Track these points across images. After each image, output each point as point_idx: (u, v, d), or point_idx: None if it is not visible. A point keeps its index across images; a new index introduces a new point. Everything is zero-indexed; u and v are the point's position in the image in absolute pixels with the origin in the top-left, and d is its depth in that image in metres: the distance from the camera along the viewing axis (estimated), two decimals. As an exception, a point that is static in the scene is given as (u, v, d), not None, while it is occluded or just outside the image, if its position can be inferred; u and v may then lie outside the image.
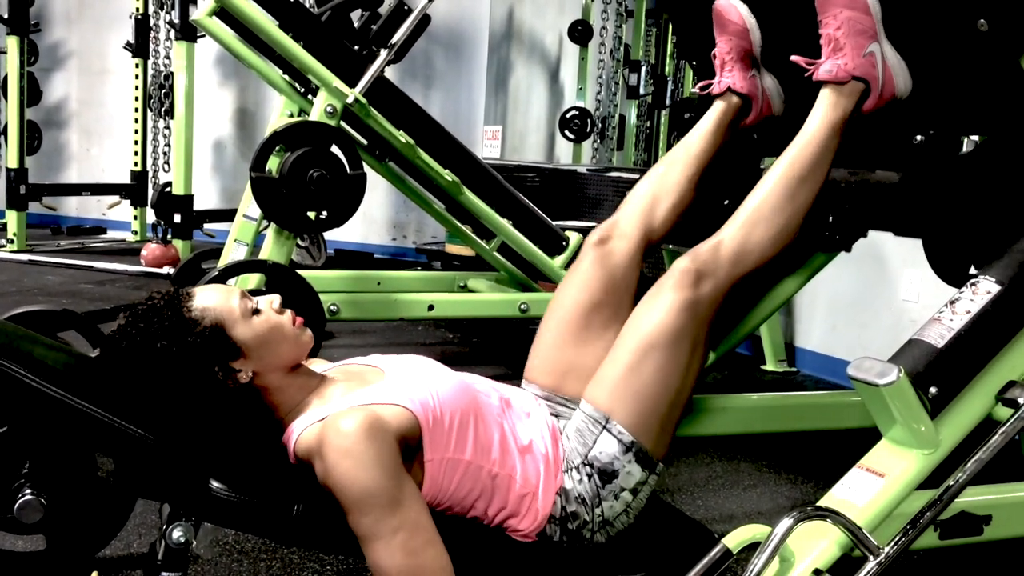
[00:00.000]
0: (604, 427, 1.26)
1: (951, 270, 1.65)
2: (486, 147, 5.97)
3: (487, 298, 3.27)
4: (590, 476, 1.25)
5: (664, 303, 1.28)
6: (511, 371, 1.50)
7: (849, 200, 1.65)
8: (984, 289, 1.31)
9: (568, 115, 6.14)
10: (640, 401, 1.26)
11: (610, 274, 1.45)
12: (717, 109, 1.59)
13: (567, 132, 6.12)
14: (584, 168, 4.88)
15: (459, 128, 5.19)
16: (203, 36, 3.56)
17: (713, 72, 1.62)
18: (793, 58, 1.43)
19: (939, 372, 1.26)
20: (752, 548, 1.17)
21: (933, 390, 1.25)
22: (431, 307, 3.03)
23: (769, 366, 3.46)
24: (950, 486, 1.24)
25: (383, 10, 3.01)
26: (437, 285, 3.57)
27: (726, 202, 2.00)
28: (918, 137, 1.44)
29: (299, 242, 4.52)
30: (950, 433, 1.27)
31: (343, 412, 1.09)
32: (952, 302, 1.33)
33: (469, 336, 3.87)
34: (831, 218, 1.73)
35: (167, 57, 5.65)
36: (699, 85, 1.64)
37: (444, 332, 3.89)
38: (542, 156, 6.47)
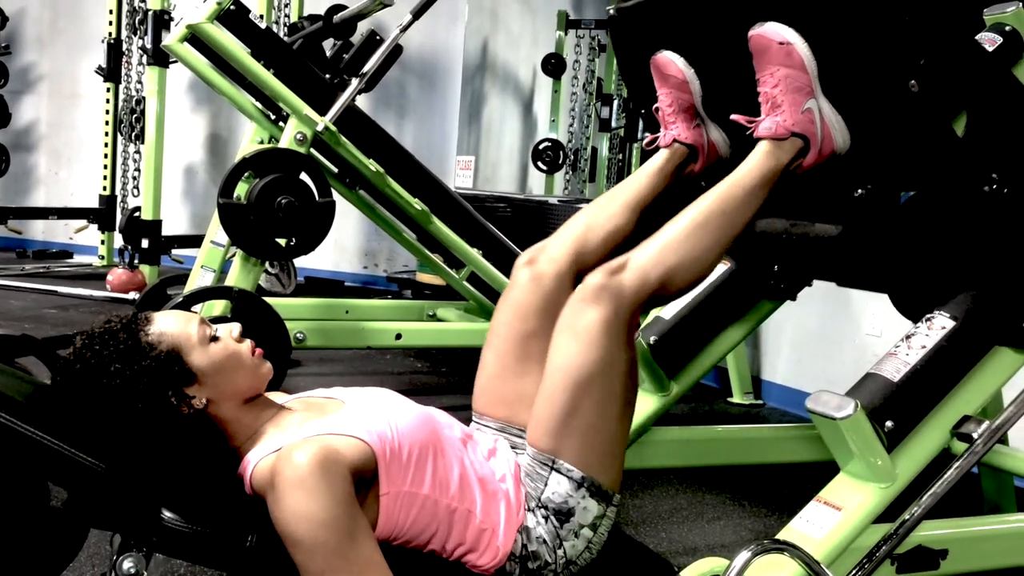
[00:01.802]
0: (552, 467, 1.24)
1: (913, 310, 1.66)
2: (459, 177, 5.99)
3: (456, 327, 3.27)
4: (547, 518, 1.23)
5: (583, 330, 1.24)
6: (478, 401, 1.50)
7: (791, 252, 1.66)
8: (939, 324, 1.33)
9: (541, 146, 6.18)
10: (582, 436, 1.24)
11: (542, 298, 1.42)
12: (663, 155, 1.58)
13: (539, 163, 6.16)
14: (555, 199, 4.92)
15: (432, 158, 5.22)
16: (175, 62, 3.56)
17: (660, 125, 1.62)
18: (733, 117, 1.43)
19: (895, 406, 1.28)
20: (711, 581, 1.18)
21: (889, 424, 1.27)
22: (399, 336, 3.02)
23: (736, 398, 3.48)
24: (906, 520, 1.25)
25: (355, 39, 3.04)
26: (406, 314, 3.56)
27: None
28: (858, 191, 1.45)
29: (268, 269, 4.49)
30: (906, 467, 1.28)
31: (297, 443, 1.08)
32: (908, 337, 1.35)
33: (438, 365, 3.85)
34: (776, 267, 1.75)
35: (139, 82, 5.63)
36: (647, 140, 1.63)
37: (413, 361, 3.88)
38: (514, 187, 6.50)
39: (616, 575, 1.37)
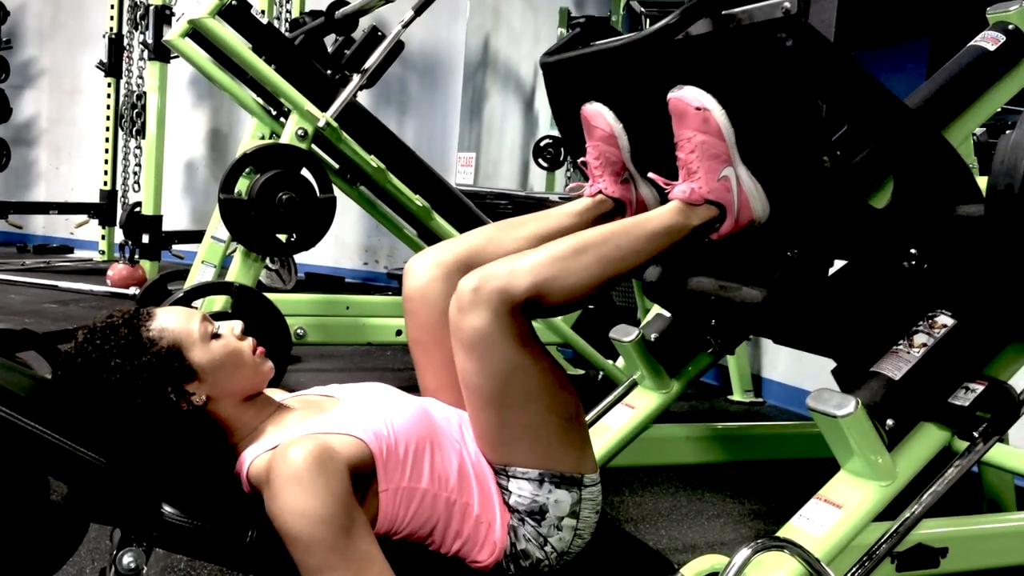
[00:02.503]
0: (508, 475, 1.24)
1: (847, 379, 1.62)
2: (460, 173, 5.99)
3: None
4: (522, 521, 1.23)
5: (470, 341, 1.19)
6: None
7: (719, 314, 1.63)
8: (940, 323, 1.33)
9: (542, 143, 6.18)
10: (522, 439, 1.22)
11: (430, 302, 1.39)
12: (586, 201, 1.52)
13: (541, 160, 6.15)
14: (556, 196, 4.92)
15: (433, 154, 5.22)
16: (176, 57, 3.56)
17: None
18: (650, 175, 1.41)
19: (896, 404, 1.28)
20: (711, 578, 1.18)
21: (890, 422, 1.27)
22: (399, 332, 3.02)
23: (736, 396, 3.48)
24: (906, 518, 1.25)
25: (357, 35, 3.03)
26: (406, 310, 3.56)
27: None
28: (789, 252, 1.41)
29: (269, 265, 4.50)
30: (906, 465, 1.29)
31: (293, 441, 1.08)
32: (910, 335, 1.35)
33: (438, 362, 3.85)
34: (713, 321, 1.73)
35: (140, 77, 5.63)
36: (569, 188, 1.56)
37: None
38: (515, 183, 6.50)
39: (616, 573, 1.37)
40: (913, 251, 1.34)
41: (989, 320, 1.33)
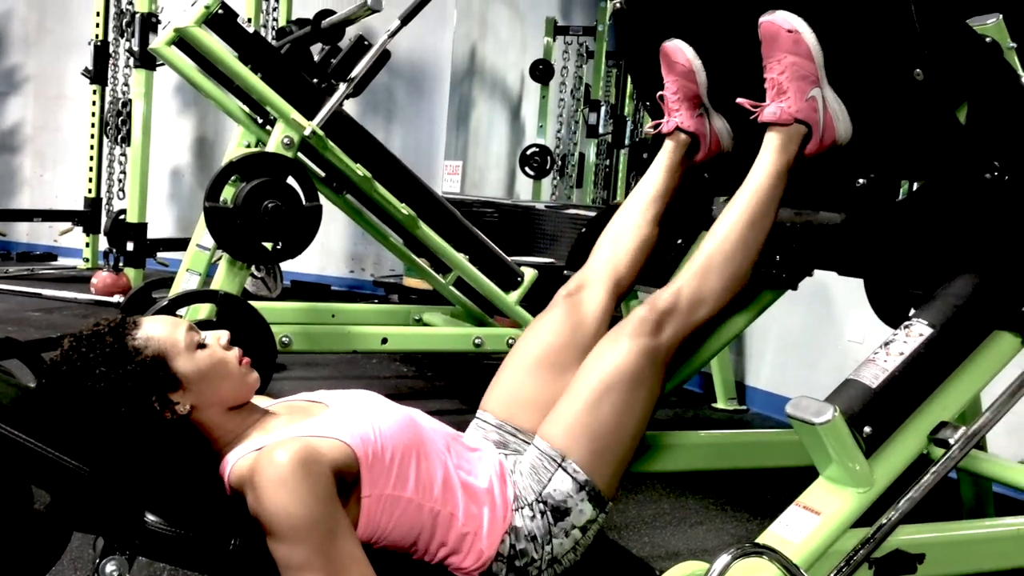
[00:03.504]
0: (560, 465, 1.27)
1: (890, 311, 1.70)
2: (446, 182, 6.00)
3: (442, 332, 3.28)
4: (543, 513, 1.26)
5: (622, 348, 1.31)
6: (465, 405, 1.52)
7: (795, 240, 1.69)
8: (917, 332, 1.35)
9: (528, 152, 6.21)
10: (595, 441, 1.28)
11: (579, 320, 1.48)
12: (667, 148, 1.63)
13: (527, 169, 6.18)
14: (543, 205, 4.93)
15: (419, 162, 5.22)
16: (162, 64, 3.56)
17: (663, 113, 1.66)
18: (739, 100, 1.47)
19: (873, 412, 1.29)
20: (691, 585, 1.19)
21: (867, 429, 1.28)
22: (385, 340, 3.02)
23: (720, 404, 3.50)
24: (883, 524, 1.26)
25: (343, 44, 3.04)
26: (392, 318, 3.56)
27: (679, 241, 2.04)
28: (860, 180, 1.49)
29: (255, 273, 4.49)
30: (884, 472, 1.30)
31: (279, 442, 1.09)
32: (886, 344, 1.37)
33: (424, 370, 3.86)
34: (778, 257, 1.77)
35: (126, 84, 5.61)
36: (651, 125, 1.69)
37: (399, 366, 3.88)
38: (502, 192, 6.52)
39: (598, 579, 1.39)
40: (996, 163, 1.38)
41: None
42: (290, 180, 2.72)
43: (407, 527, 1.18)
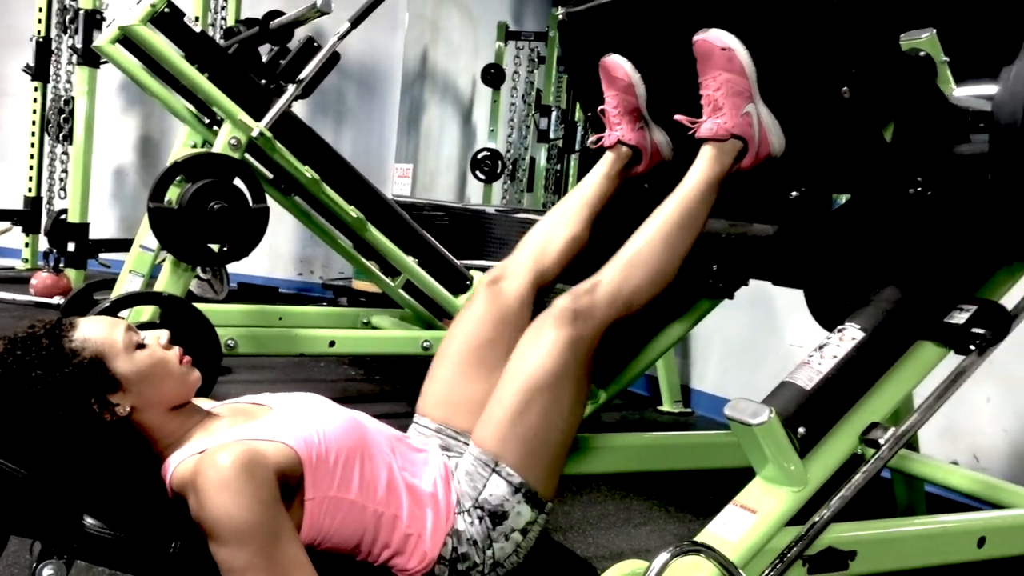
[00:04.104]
0: (494, 470, 1.28)
1: (829, 317, 1.75)
2: (397, 184, 5.98)
3: (390, 335, 3.27)
4: (481, 519, 1.26)
5: (546, 343, 1.32)
6: (413, 408, 1.52)
7: (729, 251, 1.73)
8: (850, 336, 1.39)
9: (479, 156, 6.22)
10: (527, 443, 1.29)
11: (501, 313, 1.49)
12: (608, 158, 1.66)
13: (478, 173, 6.19)
14: (493, 208, 4.95)
15: (370, 165, 5.20)
16: (106, 62, 3.49)
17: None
18: (677, 117, 1.51)
19: (807, 413, 1.33)
20: (631, 583, 1.21)
21: (802, 430, 1.32)
22: (332, 343, 3.01)
23: (666, 407, 3.55)
24: (816, 522, 1.30)
25: (292, 45, 3.02)
26: (340, 321, 3.55)
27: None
28: (793, 193, 1.53)
29: (200, 275, 4.43)
30: (817, 471, 1.34)
31: (222, 446, 1.09)
32: (821, 347, 1.41)
33: (372, 373, 3.84)
34: (715, 267, 1.81)
35: (68, 82, 5.50)
36: (592, 139, 1.71)
37: (347, 369, 3.86)
38: (453, 195, 6.52)
39: (541, 579, 1.40)
40: (918, 179, 1.43)
41: (986, 245, 1.44)
42: (237, 182, 2.69)
43: (351, 529, 1.19)
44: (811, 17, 1.35)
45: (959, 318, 1.40)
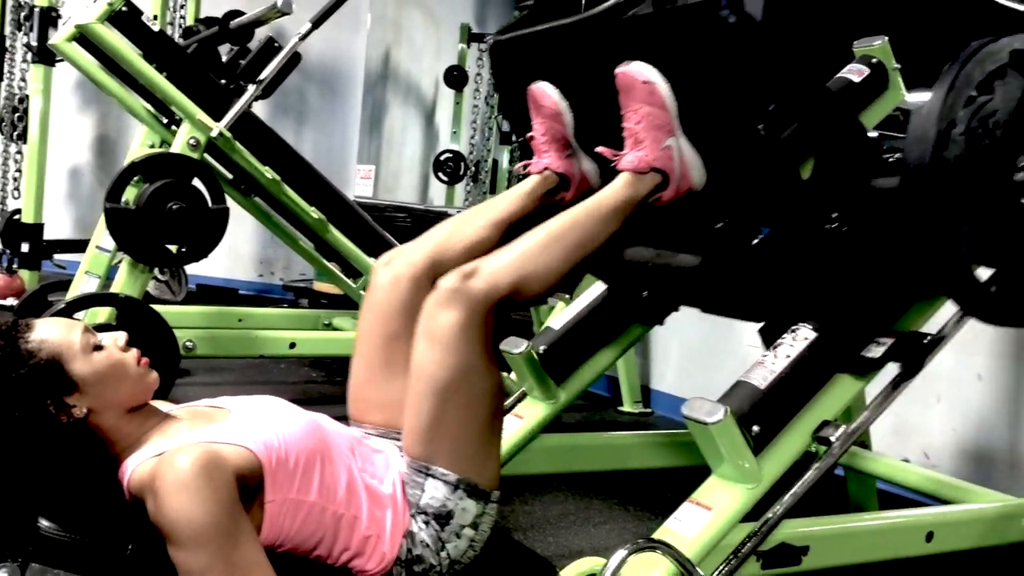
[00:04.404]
0: (427, 474, 1.28)
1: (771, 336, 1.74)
2: (359, 186, 5.96)
3: (351, 336, 3.21)
4: (427, 523, 1.27)
5: (440, 337, 1.27)
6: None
7: (656, 280, 1.72)
8: (803, 335, 1.43)
9: (442, 157, 6.21)
10: (453, 440, 1.28)
11: (400, 301, 1.45)
12: (534, 180, 1.61)
13: (440, 174, 6.19)
14: (456, 210, 4.96)
15: (332, 166, 5.17)
16: (62, 60, 3.44)
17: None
18: (598, 149, 1.51)
19: (761, 412, 1.36)
20: (590, 580, 1.23)
21: (756, 428, 1.35)
22: (292, 345, 3.00)
23: (626, 407, 3.58)
24: (769, 519, 1.34)
25: (252, 45, 3.01)
26: (301, 323, 3.53)
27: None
28: (719, 223, 1.51)
29: (158, 276, 4.38)
30: (771, 468, 1.37)
31: (179, 448, 1.09)
32: (775, 347, 1.44)
33: (333, 375, 3.83)
34: (644, 294, 1.82)
35: (23, 79, 5.40)
36: (519, 165, 1.67)
37: (308, 371, 3.84)
38: (415, 197, 6.51)
39: (501, 577, 1.42)
40: (834, 215, 1.45)
41: (900, 279, 1.47)
42: (196, 182, 2.67)
43: (310, 530, 1.19)
44: (726, 53, 1.34)
45: (875, 352, 1.42)
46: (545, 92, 1.57)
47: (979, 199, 1.35)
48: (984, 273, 1.44)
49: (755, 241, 1.46)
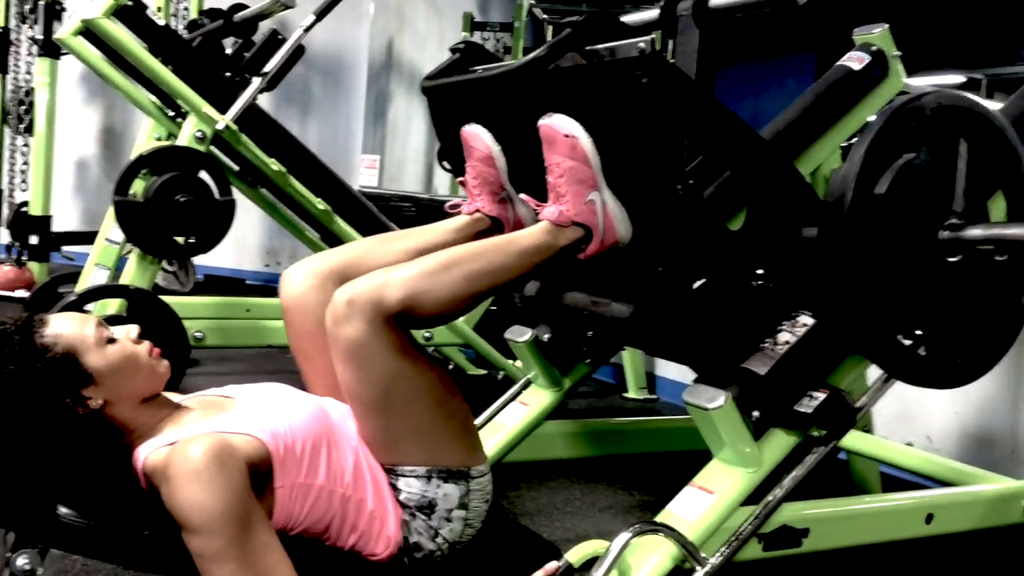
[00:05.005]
0: (396, 474, 1.30)
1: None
2: (363, 175, 5.98)
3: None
4: (413, 516, 1.29)
5: (348, 351, 1.23)
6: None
7: (591, 327, 1.71)
8: (802, 322, 1.45)
9: (446, 146, 6.22)
10: (411, 438, 1.28)
11: (309, 316, 1.41)
12: (464, 219, 1.56)
13: (445, 163, 6.20)
14: (460, 199, 4.97)
15: (336, 156, 5.19)
16: (67, 53, 3.46)
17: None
18: (522, 196, 1.49)
19: (761, 397, 1.39)
20: (594, 562, 1.26)
21: (756, 413, 1.38)
22: (301, 335, 3.02)
23: (631, 393, 3.60)
24: (769, 501, 1.36)
25: (257, 38, 3.03)
26: (308, 313, 3.55)
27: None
28: (659, 268, 1.49)
29: (166, 267, 4.41)
30: (771, 452, 1.40)
31: (192, 437, 1.12)
32: (775, 333, 1.47)
33: (341, 364, 3.85)
34: (589, 334, 1.78)
35: (28, 72, 5.42)
36: (448, 205, 1.62)
37: (315, 360, 3.87)
38: (420, 186, 6.52)
39: (507, 563, 1.45)
40: (760, 271, 1.43)
41: (830, 332, 1.44)
42: (203, 174, 2.70)
43: (320, 513, 1.22)
44: (644, 110, 1.30)
45: (808, 406, 1.40)
46: (477, 135, 1.52)
47: (901, 259, 1.34)
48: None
49: (693, 288, 1.43)
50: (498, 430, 1.81)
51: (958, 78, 3.91)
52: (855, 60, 1.74)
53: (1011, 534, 1.78)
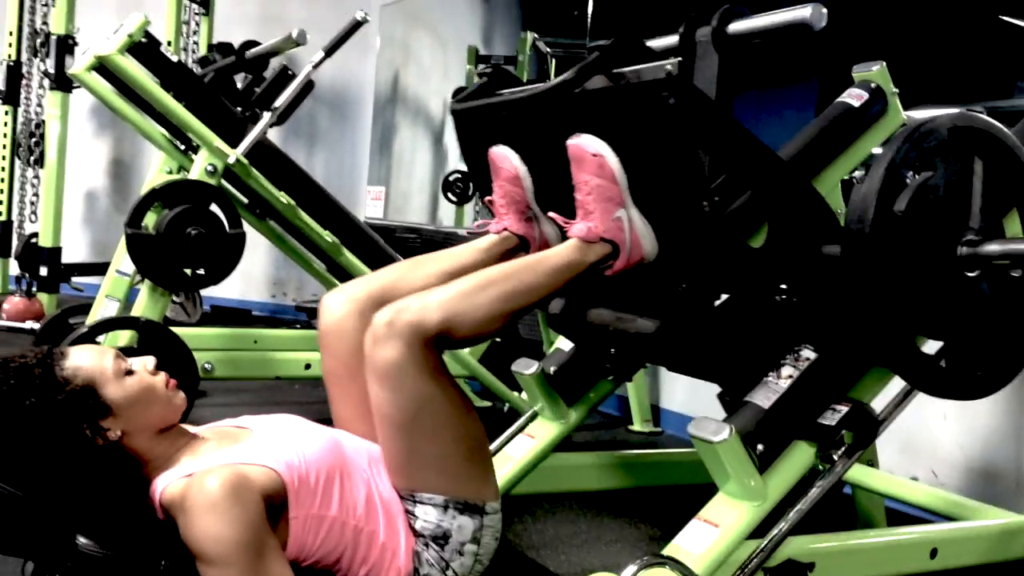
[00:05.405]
0: (415, 501, 1.32)
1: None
2: (369, 207, 6.03)
3: (364, 357, 3.30)
4: (427, 546, 1.31)
5: (384, 371, 1.27)
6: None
7: (616, 343, 1.74)
8: (804, 356, 1.47)
9: (451, 178, 6.27)
10: (432, 466, 1.31)
11: (348, 340, 1.45)
12: (492, 238, 1.60)
13: (449, 195, 6.25)
14: (464, 230, 5.02)
15: (342, 187, 5.24)
16: (78, 87, 3.52)
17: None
18: (550, 214, 1.53)
19: (766, 430, 1.40)
20: (601, 595, 1.27)
21: (760, 447, 1.39)
22: (308, 366, 3.05)
23: (636, 426, 3.61)
24: (774, 535, 1.38)
25: (268, 74, 3.08)
26: (315, 344, 3.53)
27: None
28: (682, 285, 1.53)
29: (174, 298, 4.45)
30: (776, 485, 1.41)
31: (209, 470, 1.14)
32: (778, 367, 1.49)
33: (346, 395, 3.86)
34: (612, 351, 1.81)
35: (39, 105, 5.49)
36: (477, 224, 1.67)
37: (322, 391, 3.86)
38: (425, 218, 6.56)
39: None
40: (784, 287, 1.48)
41: (851, 347, 1.48)
42: (214, 207, 2.74)
43: (332, 544, 1.24)
44: (670, 130, 1.34)
45: (831, 419, 1.43)
46: (505, 156, 1.56)
47: (922, 274, 1.38)
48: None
49: (716, 304, 1.47)
50: (505, 462, 1.83)
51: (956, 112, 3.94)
52: (854, 97, 1.77)
53: (1015, 569, 1.79)
